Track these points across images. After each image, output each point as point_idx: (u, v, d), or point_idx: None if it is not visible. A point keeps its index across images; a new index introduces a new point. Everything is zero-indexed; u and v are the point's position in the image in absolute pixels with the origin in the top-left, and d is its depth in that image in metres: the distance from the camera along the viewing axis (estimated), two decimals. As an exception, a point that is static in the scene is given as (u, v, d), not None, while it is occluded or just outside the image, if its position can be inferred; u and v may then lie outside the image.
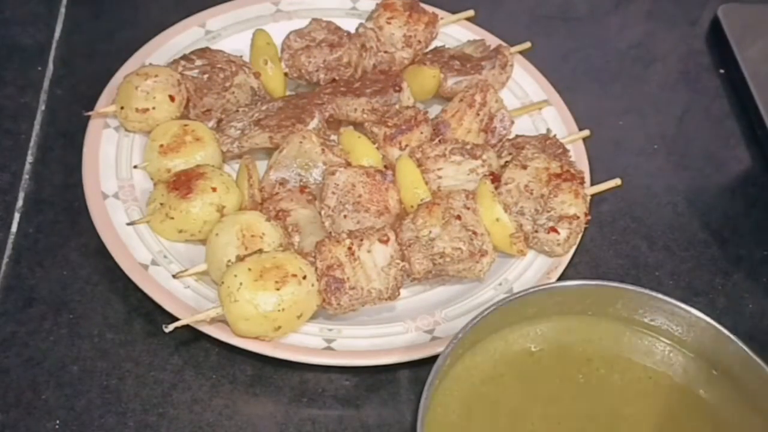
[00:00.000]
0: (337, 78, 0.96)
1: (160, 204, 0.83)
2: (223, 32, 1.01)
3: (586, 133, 0.97)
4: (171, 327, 0.75)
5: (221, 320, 0.76)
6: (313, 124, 0.90)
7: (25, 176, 0.91)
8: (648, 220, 0.97)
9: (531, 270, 0.86)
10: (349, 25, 1.00)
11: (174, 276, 0.80)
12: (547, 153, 0.91)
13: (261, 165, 0.90)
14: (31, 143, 0.93)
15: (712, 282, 0.92)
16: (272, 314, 0.75)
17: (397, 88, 0.94)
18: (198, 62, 0.93)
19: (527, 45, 1.03)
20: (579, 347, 0.74)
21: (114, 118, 0.90)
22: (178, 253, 0.82)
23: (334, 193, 0.84)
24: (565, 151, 0.93)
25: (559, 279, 0.85)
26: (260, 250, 0.78)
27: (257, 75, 0.95)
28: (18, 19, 1.05)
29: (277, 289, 0.75)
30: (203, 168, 0.84)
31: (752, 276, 0.93)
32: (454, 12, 1.06)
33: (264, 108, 0.92)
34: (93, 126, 0.90)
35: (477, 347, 0.72)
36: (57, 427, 0.75)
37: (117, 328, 0.81)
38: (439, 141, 0.91)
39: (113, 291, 0.83)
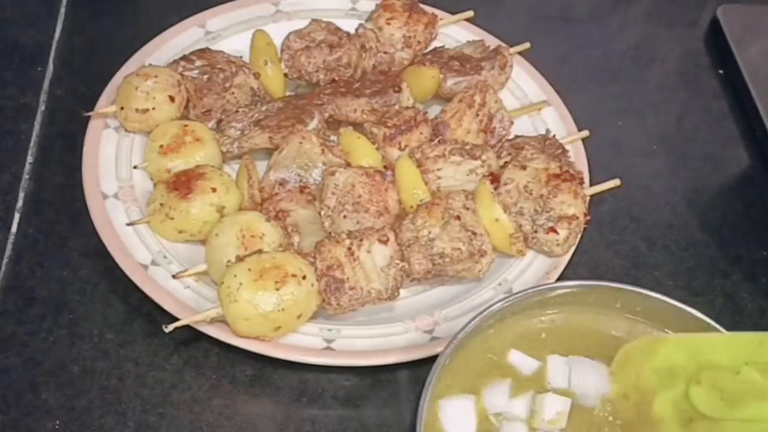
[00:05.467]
0: (336, 78, 0.96)
1: (160, 204, 0.83)
2: (223, 33, 1.01)
3: (585, 133, 0.97)
4: (171, 327, 0.75)
5: (221, 320, 0.77)
6: (313, 124, 0.91)
7: (25, 176, 0.91)
8: (647, 221, 0.97)
9: (530, 270, 0.86)
10: (349, 25, 1.00)
11: (174, 276, 0.80)
12: (546, 153, 0.91)
13: (261, 165, 0.90)
14: (31, 143, 0.93)
15: (711, 282, 0.92)
16: (272, 314, 0.75)
17: (396, 89, 0.94)
18: (198, 63, 0.93)
19: (526, 46, 1.03)
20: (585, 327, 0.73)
21: (114, 119, 0.90)
22: (177, 254, 0.83)
23: (333, 193, 0.85)
24: (565, 151, 0.93)
25: (558, 279, 0.85)
26: (260, 251, 0.78)
27: (257, 75, 0.95)
28: (18, 20, 1.05)
29: (277, 289, 0.75)
30: (203, 168, 0.84)
31: (751, 276, 0.93)
32: (453, 13, 1.06)
33: (264, 108, 0.92)
34: (93, 126, 0.90)
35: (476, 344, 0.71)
36: (57, 427, 0.75)
37: (117, 329, 0.81)
38: (439, 141, 0.91)
39: (113, 291, 0.83)
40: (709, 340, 0.71)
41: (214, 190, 0.82)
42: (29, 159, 0.92)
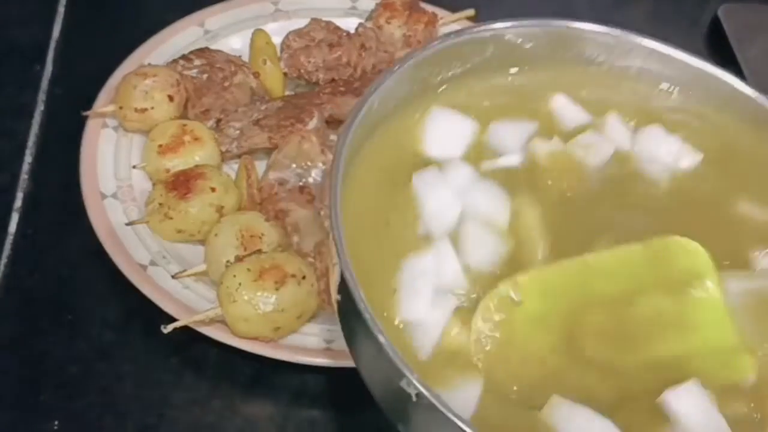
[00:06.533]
0: (336, 78, 0.96)
1: (158, 204, 0.83)
2: (222, 32, 1.00)
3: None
4: (170, 328, 0.75)
5: (220, 321, 0.76)
6: (313, 124, 0.90)
7: (24, 176, 0.91)
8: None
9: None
10: (349, 24, 1.00)
11: (173, 276, 0.80)
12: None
13: (260, 165, 0.90)
14: (30, 143, 0.93)
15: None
16: (271, 315, 0.75)
17: (396, 88, 0.94)
18: (197, 62, 0.93)
19: (527, 45, 1.03)
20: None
21: (113, 118, 0.90)
22: (177, 254, 0.82)
23: (333, 193, 0.84)
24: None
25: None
26: (259, 251, 0.77)
27: (256, 75, 0.94)
28: (16, 19, 1.05)
29: (277, 290, 0.75)
30: (202, 168, 0.84)
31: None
32: (454, 11, 1.06)
33: (263, 108, 0.92)
34: (91, 126, 0.89)
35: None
36: (56, 428, 0.75)
37: (116, 329, 0.81)
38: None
39: (112, 291, 0.83)
40: (581, 268, 0.56)
41: (213, 189, 0.82)
42: (28, 159, 0.92)
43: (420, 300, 0.57)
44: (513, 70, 0.68)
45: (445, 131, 0.63)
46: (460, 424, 0.48)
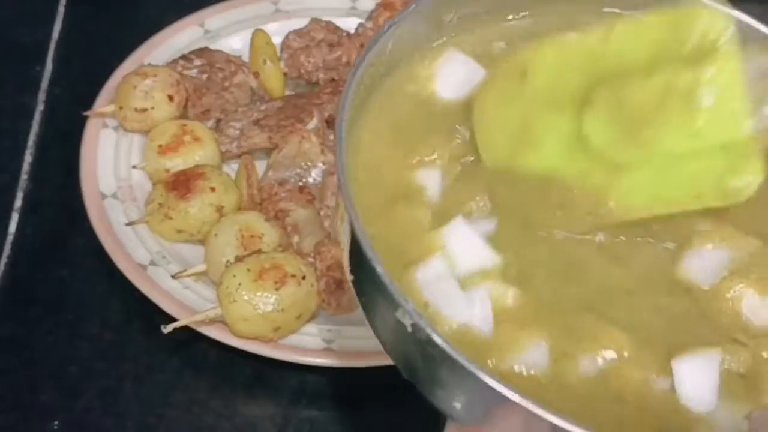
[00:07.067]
0: (336, 78, 0.96)
1: (158, 204, 0.83)
2: (222, 32, 1.00)
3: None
4: (169, 328, 0.75)
5: (220, 321, 0.76)
6: (313, 124, 0.90)
7: (24, 176, 0.91)
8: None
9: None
10: (349, 24, 1.00)
11: (173, 276, 0.80)
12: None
13: (260, 165, 0.90)
14: (30, 143, 0.93)
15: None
16: (271, 315, 0.75)
17: (396, 88, 0.94)
18: (197, 62, 0.93)
19: (527, 44, 1.03)
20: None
21: (113, 118, 0.90)
22: (177, 254, 0.82)
23: (333, 193, 0.84)
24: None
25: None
26: (259, 251, 0.77)
27: (256, 75, 0.94)
28: (16, 19, 1.05)
29: (276, 290, 0.75)
30: (202, 168, 0.84)
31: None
32: (453, 11, 1.06)
33: (263, 108, 0.92)
34: (91, 126, 0.89)
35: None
36: (55, 427, 0.75)
37: (116, 329, 0.81)
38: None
39: (112, 291, 0.83)
40: (605, 37, 0.50)
41: (213, 189, 0.82)
42: (27, 159, 0.92)
43: (454, 303, 0.51)
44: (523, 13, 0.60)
45: (458, 77, 0.57)
46: (452, 353, 0.45)
